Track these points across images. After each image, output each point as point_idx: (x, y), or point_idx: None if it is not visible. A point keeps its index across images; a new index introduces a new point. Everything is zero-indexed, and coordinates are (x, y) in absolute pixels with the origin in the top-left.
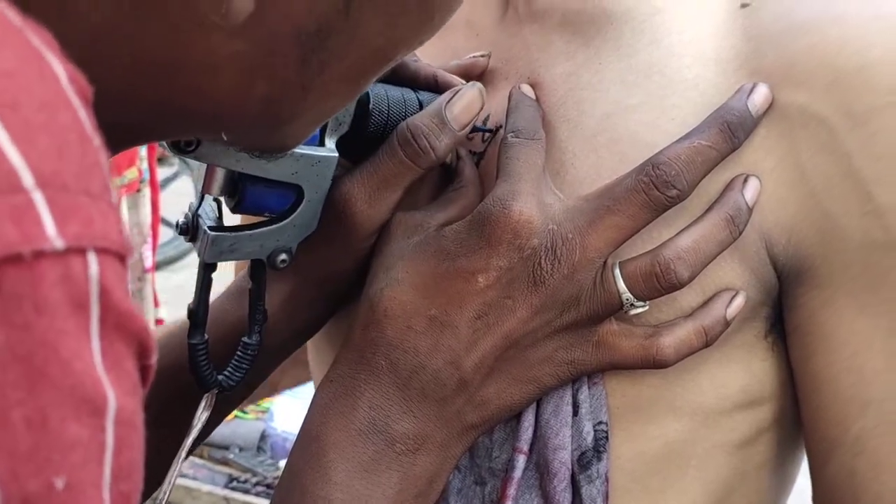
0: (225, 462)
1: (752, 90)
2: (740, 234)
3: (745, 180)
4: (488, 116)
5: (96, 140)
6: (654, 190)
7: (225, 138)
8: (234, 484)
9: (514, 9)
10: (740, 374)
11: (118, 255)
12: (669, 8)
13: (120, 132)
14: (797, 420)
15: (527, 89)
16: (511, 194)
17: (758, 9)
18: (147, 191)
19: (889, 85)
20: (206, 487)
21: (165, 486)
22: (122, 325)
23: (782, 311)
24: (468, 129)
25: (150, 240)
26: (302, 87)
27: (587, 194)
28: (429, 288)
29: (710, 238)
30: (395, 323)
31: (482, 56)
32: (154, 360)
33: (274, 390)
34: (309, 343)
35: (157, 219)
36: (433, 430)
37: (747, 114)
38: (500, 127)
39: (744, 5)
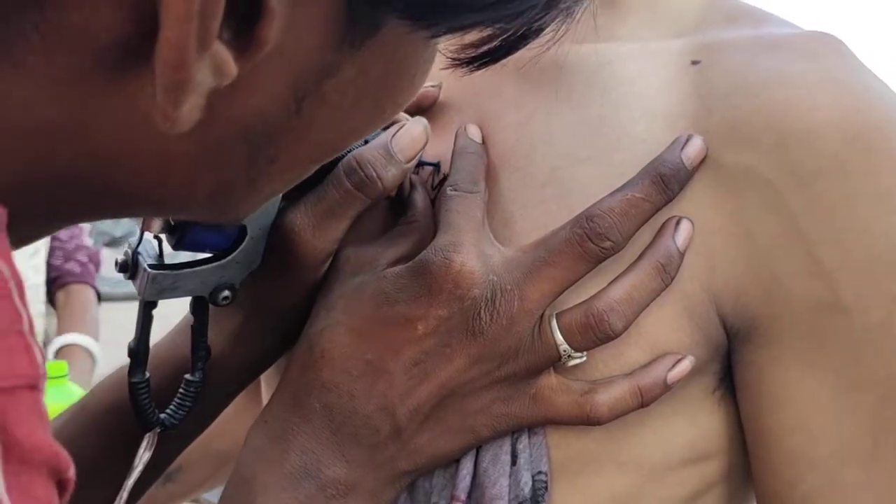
0: None
1: (686, 142)
2: (672, 279)
3: (677, 224)
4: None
5: (5, 270)
6: (589, 242)
7: (172, 222)
8: None
9: None
10: (687, 429)
11: (27, 386)
12: (620, 61)
13: (60, 213)
14: (747, 474)
15: (473, 131)
16: (452, 245)
17: (708, 67)
18: None
19: (834, 147)
20: None
21: None
22: (27, 457)
23: (731, 366)
24: (414, 162)
25: None
26: (249, 179)
27: (524, 245)
28: (366, 332)
29: (641, 287)
30: (331, 365)
31: (433, 87)
32: (71, 472)
33: None
34: (262, 378)
35: None
36: (364, 476)
37: (681, 166)
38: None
39: (694, 62)
